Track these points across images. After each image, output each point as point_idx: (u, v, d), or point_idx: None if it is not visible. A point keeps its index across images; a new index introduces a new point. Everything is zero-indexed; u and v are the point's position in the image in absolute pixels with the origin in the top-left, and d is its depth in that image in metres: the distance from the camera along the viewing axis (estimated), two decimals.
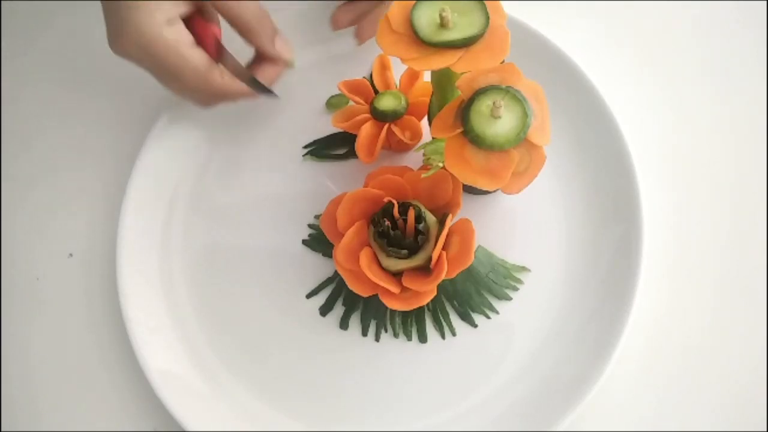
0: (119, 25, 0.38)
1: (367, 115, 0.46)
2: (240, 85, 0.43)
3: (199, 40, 0.41)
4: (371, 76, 0.50)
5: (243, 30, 0.42)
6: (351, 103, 0.49)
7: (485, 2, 0.36)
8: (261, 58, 0.46)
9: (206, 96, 0.43)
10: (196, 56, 0.40)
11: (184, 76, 0.40)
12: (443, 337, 0.44)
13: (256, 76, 0.44)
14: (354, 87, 0.48)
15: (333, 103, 0.50)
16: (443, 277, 0.39)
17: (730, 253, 0.46)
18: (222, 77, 0.42)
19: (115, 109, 0.53)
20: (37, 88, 0.54)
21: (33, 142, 0.53)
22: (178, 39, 0.39)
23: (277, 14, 0.50)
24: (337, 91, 0.50)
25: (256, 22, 0.42)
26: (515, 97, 0.35)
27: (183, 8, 0.39)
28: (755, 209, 0.47)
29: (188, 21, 0.41)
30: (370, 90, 0.47)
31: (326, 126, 0.49)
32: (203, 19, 0.41)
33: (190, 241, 0.48)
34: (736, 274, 0.45)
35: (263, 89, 0.45)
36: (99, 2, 0.40)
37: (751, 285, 0.45)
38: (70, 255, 0.49)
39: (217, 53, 0.42)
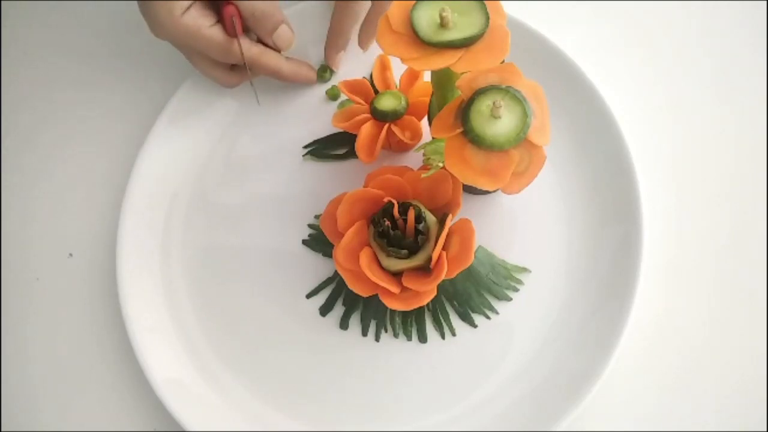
0: (150, 19, 0.44)
1: (367, 115, 0.46)
2: (259, 48, 0.47)
3: (221, 18, 0.45)
4: (371, 76, 0.50)
5: (244, 17, 0.45)
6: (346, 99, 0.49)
7: (485, 2, 0.36)
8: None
9: (228, 73, 0.49)
10: (214, 34, 0.45)
11: (209, 52, 0.46)
12: (443, 337, 0.44)
13: (259, 59, 0.47)
14: (354, 87, 0.48)
15: (333, 94, 0.51)
16: (443, 277, 0.39)
17: (730, 253, 0.46)
18: (248, 48, 0.46)
19: (114, 110, 0.53)
20: (37, 88, 0.54)
21: (33, 143, 0.53)
22: (196, 23, 0.44)
23: None
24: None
25: (259, 13, 0.45)
26: (515, 97, 0.35)
27: None
28: (755, 209, 0.47)
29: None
30: (370, 90, 0.47)
31: (326, 126, 0.49)
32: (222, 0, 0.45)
33: (190, 241, 0.48)
34: (736, 273, 0.45)
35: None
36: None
37: (751, 284, 0.45)
38: (70, 255, 0.49)
39: (233, 29, 0.45)
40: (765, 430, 0.42)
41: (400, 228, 0.41)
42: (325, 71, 0.51)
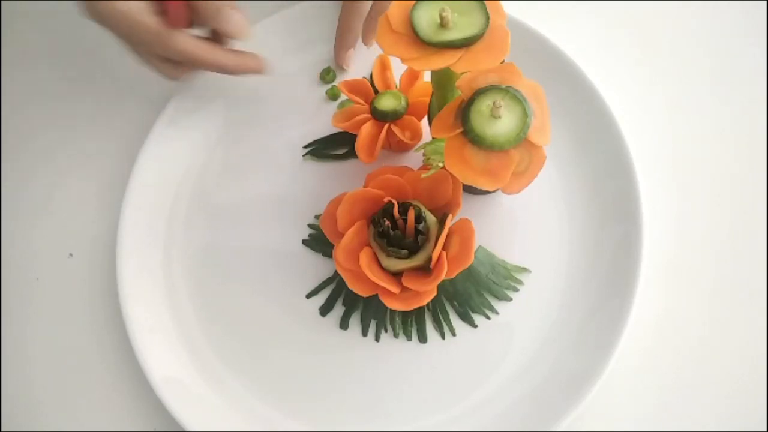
0: None
1: (367, 115, 0.46)
2: (196, 42, 0.44)
3: (164, 9, 0.43)
4: (371, 76, 0.50)
5: (192, 5, 0.43)
6: (346, 98, 0.49)
7: (485, 2, 0.36)
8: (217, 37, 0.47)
9: (168, 64, 0.46)
10: (149, 22, 0.42)
11: (143, 39, 0.43)
12: (443, 337, 0.44)
13: (195, 52, 0.44)
14: (354, 87, 0.48)
15: (333, 94, 0.51)
16: (443, 277, 0.39)
17: (730, 253, 0.46)
18: (185, 42, 0.43)
19: (115, 110, 0.53)
20: (37, 88, 0.54)
21: (33, 142, 0.53)
22: (130, 8, 0.42)
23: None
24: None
25: (209, 2, 0.43)
26: (515, 97, 0.35)
27: None
28: (755, 208, 0.47)
29: None
30: (370, 90, 0.47)
31: (326, 126, 0.49)
32: None
33: (190, 241, 0.48)
34: (736, 273, 0.45)
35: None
36: None
37: (751, 284, 0.45)
38: (70, 255, 0.49)
39: (175, 22, 0.43)
40: (765, 430, 0.42)
41: (400, 228, 0.41)
42: (328, 73, 0.51)
